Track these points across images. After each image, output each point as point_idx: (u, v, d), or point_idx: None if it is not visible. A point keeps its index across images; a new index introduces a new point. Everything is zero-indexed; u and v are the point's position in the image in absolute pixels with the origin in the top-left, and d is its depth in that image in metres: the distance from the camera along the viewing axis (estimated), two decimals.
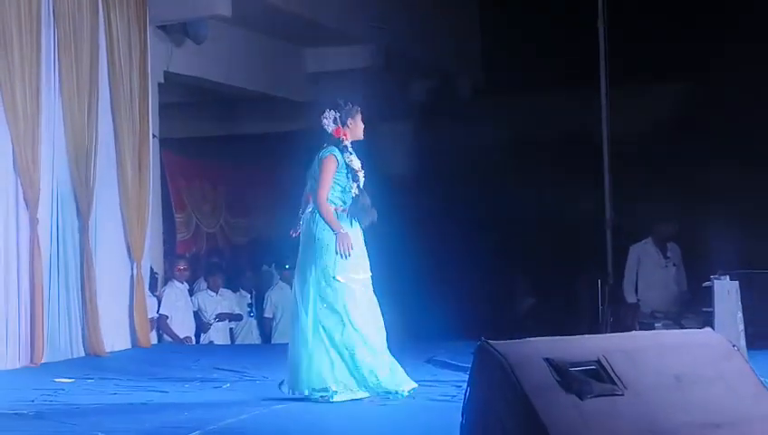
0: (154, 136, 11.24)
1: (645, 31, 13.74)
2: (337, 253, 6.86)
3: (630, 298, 11.05)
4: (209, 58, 12.86)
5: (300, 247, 7.06)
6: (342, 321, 6.84)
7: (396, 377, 6.90)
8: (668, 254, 10.99)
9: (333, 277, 6.85)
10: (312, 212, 7.01)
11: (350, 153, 7.05)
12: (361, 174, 7.06)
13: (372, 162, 7.36)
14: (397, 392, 6.85)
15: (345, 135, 7.07)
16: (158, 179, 11.94)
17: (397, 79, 15.67)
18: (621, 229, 11.26)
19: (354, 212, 7.03)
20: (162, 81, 12.03)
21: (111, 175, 10.41)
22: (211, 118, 15.82)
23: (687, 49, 13.52)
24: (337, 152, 7.00)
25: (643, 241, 11.07)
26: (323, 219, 6.91)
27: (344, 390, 6.79)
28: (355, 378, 6.83)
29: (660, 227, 11.03)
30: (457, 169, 14.91)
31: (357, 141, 7.17)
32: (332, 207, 6.95)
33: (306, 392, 6.82)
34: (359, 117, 7.15)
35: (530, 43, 14.69)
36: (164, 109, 12.15)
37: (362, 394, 6.83)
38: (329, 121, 7.08)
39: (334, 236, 6.87)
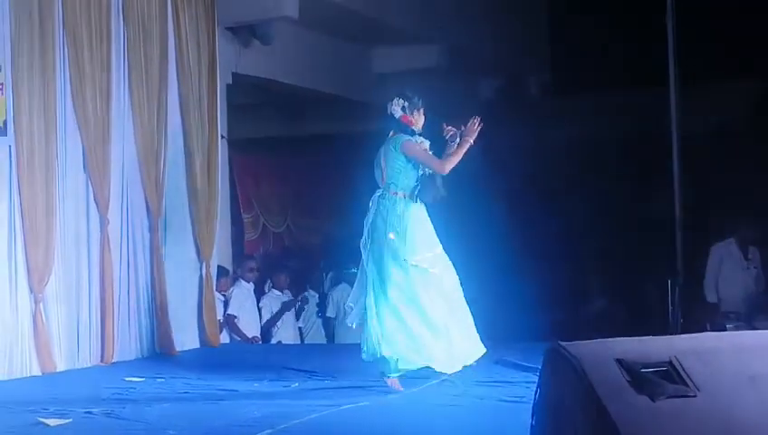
0: (222, 137, 11.31)
1: (715, 27, 13.56)
2: (408, 235, 7.15)
3: (711, 298, 10.96)
4: (277, 59, 12.92)
5: (370, 230, 7.31)
6: (409, 301, 7.15)
7: (451, 357, 7.17)
8: (750, 256, 10.89)
9: (405, 260, 7.15)
10: (380, 197, 7.30)
11: (419, 135, 7.35)
12: (430, 154, 7.33)
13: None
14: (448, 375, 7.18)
15: (411, 123, 7.35)
16: (227, 180, 12.02)
17: (464, 79, 15.62)
18: (692, 229, 11.14)
19: (422, 187, 7.30)
20: (230, 82, 12.11)
21: (180, 175, 10.49)
22: (279, 119, 15.91)
23: (759, 45, 13.32)
24: (410, 137, 7.29)
25: (726, 241, 10.99)
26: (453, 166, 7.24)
27: (405, 362, 7.17)
28: (416, 353, 7.16)
29: (745, 231, 10.95)
30: (525, 169, 14.85)
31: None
32: (402, 193, 7.26)
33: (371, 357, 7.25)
34: (422, 110, 7.42)
35: (598, 41, 14.59)
36: (232, 110, 12.22)
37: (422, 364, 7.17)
38: (398, 108, 7.34)
39: (407, 219, 7.20)
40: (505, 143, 15.19)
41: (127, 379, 8.18)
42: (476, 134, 7.26)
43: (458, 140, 7.26)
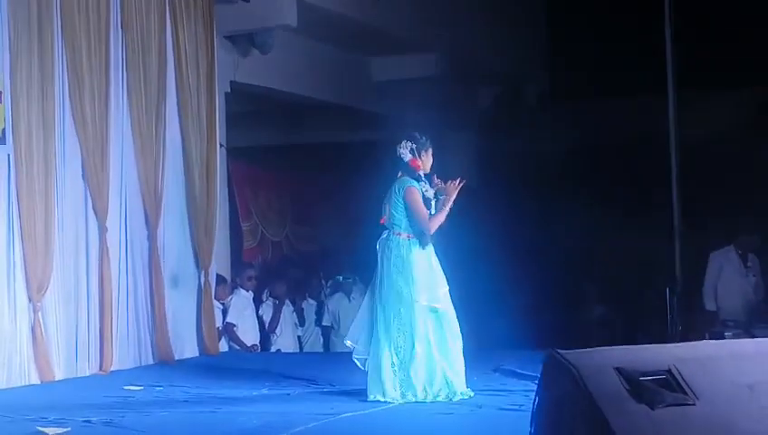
0: (221, 145, 11.30)
1: (714, 36, 13.58)
2: (416, 276, 7.23)
3: (710, 305, 10.95)
4: (275, 68, 12.91)
5: (378, 271, 7.38)
6: (413, 341, 7.17)
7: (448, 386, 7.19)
8: (749, 263, 10.89)
9: (414, 300, 7.19)
10: (386, 239, 7.38)
11: (425, 182, 7.43)
12: (434, 202, 7.41)
13: (438, 170, 7.50)
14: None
15: (418, 166, 7.41)
16: (225, 188, 12.00)
17: (463, 87, 15.62)
18: (690, 237, 11.14)
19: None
20: (229, 90, 12.09)
21: (179, 184, 10.48)
22: (277, 127, 15.90)
23: (758, 51, 13.33)
24: (415, 184, 7.38)
25: (725, 249, 10.98)
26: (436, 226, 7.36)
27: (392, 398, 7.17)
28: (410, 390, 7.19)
29: (745, 239, 10.95)
30: (524, 176, 14.85)
31: None
32: (405, 235, 7.33)
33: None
34: (430, 151, 7.52)
35: (597, 48, 14.60)
36: (231, 118, 12.21)
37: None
38: (406, 151, 7.43)
39: (412, 260, 7.26)
40: (504, 150, 15.21)
41: (126, 387, 8.17)
42: (456, 193, 7.37)
43: (442, 197, 7.39)
